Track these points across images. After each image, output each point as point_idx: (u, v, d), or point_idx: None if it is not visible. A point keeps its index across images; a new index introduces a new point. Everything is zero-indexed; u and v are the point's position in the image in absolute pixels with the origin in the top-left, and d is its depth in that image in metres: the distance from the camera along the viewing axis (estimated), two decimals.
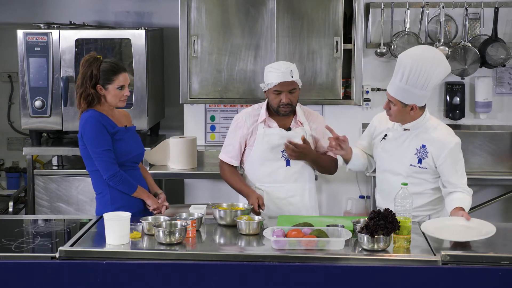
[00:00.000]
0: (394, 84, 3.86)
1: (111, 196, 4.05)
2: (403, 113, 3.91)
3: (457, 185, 3.94)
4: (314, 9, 5.43)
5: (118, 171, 3.99)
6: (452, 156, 3.93)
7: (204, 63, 5.51)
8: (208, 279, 3.31)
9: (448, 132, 4.01)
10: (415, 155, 3.96)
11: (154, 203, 4.11)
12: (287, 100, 4.15)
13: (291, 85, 4.14)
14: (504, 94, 5.82)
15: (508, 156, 5.70)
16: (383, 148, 4.06)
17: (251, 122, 4.29)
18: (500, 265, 3.30)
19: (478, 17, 5.65)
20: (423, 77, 3.78)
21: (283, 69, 4.12)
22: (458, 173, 3.95)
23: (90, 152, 4.00)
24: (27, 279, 3.33)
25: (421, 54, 3.86)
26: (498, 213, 5.90)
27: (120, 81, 4.02)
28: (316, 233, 3.48)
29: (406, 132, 3.98)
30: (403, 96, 3.84)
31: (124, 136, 4.08)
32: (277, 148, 4.23)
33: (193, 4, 5.46)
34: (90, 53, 4.11)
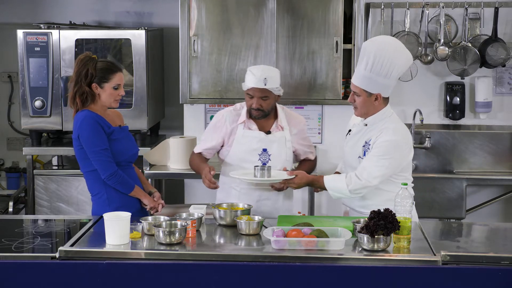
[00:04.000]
0: (358, 73, 3.88)
1: (108, 196, 4.05)
2: (368, 103, 3.91)
3: (361, 168, 3.88)
4: (314, 9, 5.43)
5: (116, 171, 4.00)
6: (378, 147, 3.87)
7: (204, 63, 5.51)
8: (208, 279, 3.32)
9: (394, 130, 3.91)
10: (363, 147, 3.98)
11: (151, 202, 4.13)
12: (257, 105, 4.16)
13: (262, 92, 4.13)
14: (504, 94, 5.82)
15: (508, 156, 5.70)
16: (346, 143, 4.12)
17: (231, 122, 4.29)
18: (500, 265, 3.30)
19: (478, 17, 5.65)
20: (387, 64, 3.80)
21: (258, 75, 4.12)
22: (370, 163, 3.87)
23: (88, 152, 3.99)
24: (27, 279, 3.33)
25: (384, 41, 3.92)
26: (498, 213, 5.90)
27: (116, 81, 4.03)
28: (316, 233, 3.48)
29: (365, 127, 4.00)
30: (368, 84, 3.86)
31: (119, 136, 4.09)
32: (255, 151, 4.24)
33: (193, 4, 5.45)
34: (85, 53, 4.11)
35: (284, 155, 4.25)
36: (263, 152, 4.24)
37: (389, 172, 3.88)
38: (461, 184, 5.32)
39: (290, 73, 5.48)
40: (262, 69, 4.19)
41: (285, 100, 5.56)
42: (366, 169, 3.87)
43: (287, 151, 4.27)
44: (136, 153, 4.24)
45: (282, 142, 4.25)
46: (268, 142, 4.23)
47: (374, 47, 3.84)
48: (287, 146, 4.26)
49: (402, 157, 3.91)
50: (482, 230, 4.10)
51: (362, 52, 3.87)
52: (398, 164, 3.90)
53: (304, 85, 5.51)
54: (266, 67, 4.26)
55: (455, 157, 5.73)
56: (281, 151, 4.24)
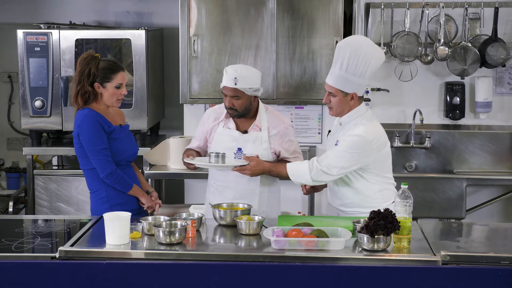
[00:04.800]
0: (333, 74, 3.91)
1: (106, 194, 4.08)
2: (344, 103, 3.94)
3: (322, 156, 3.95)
4: (314, 9, 5.43)
5: (115, 170, 4.02)
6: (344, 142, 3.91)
7: (204, 63, 5.51)
8: (208, 279, 3.32)
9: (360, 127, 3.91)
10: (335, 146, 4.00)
11: (148, 201, 4.15)
12: (229, 104, 4.15)
13: (233, 91, 4.12)
14: (504, 94, 5.82)
15: (508, 156, 5.70)
16: (327, 144, 4.17)
17: (213, 120, 4.32)
18: (500, 265, 3.30)
19: (478, 17, 5.65)
20: (361, 64, 3.84)
21: (230, 74, 4.11)
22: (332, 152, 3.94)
23: (87, 151, 4.01)
24: (27, 279, 3.33)
25: (358, 41, 3.97)
26: (498, 213, 5.90)
27: (119, 80, 4.05)
28: (316, 233, 3.48)
29: (339, 127, 4.05)
30: (343, 84, 3.89)
31: (120, 135, 4.11)
32: (231, 149, 4.24)
33: (193, 4, 5.45)
34: (88, 51, 4.12)
35: (259, 155, 4.21)
36: (238, 151, 4.24)
37: (349, 165, 3.89)
38: (461, 184, 5.31)
39: (290, 73, 5.48)
40: (235, 68, 4.16)
41: (285, 100, 5.58)
42: (328, 157, 3.93)
43: (263, 151, 4.22)
44: (135, 153, 4.25)
45: (258, 143, 4.22)
46: (243, 142, 4.23)
47: (348, 47, 3.87)
48: (263, 147, 4.22)
49: (367, 154, 3.91)
50: (482, 230, 4.10)
51: (337, 52, 3.90)
52: (362, 160, 3.90)
53: (304, 85, 5.51)
54: (241, 66, 4.21)
55: (455, 157, 5.73)
56: (256, 151, 4.21)
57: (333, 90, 3.92)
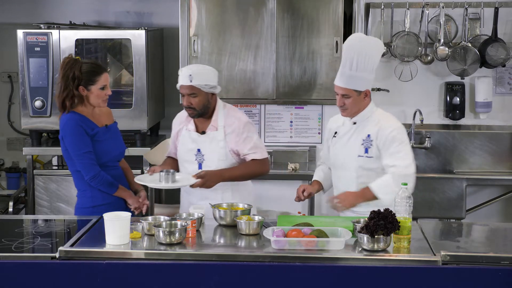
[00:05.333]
0: (344, 75, 3.92)
1: (92, 195, 4.12)
2: (359, 102, 3.96)
3: (392, 166, 3.94)
4: (314, 9, 5.43)
5: (99, 172, 4.06)
6: (392, 140, 3.95)
7: (204, 63, 5.50)
8: (208, 279, 3.32)
9: (389, 119, 4.05)
10: (362, 145, 4.00)
11: (135, 202, 4.17)
12: (187, 103, 4.13)
13: (189, 89, 4.10)
14: (504, 94, 5.82)
15: (508, 156, 5.70)
16: (335, 146, 4.12)
17: (178, 123, 4.34)
18: (500, 265, 3.30)
19: (478, 17, 5.65)
20: (369, 59, 3.89)
21: (184, 72, 4.11)
22: (395, 156, 3.94)
23: (71, 154, 4.07)
24: (27, 279, 3.33)
25: (361, 38, 4.03)
26: (498, 213, 5.90)
27: (102, 82, 4.10)
28: (316, 233, 3.48)
29: (354, 126, 4.04)
30: (356, 83, 3.91)
31: (104, 137, 4.14)
32: (191, 151, 4.24)
33: (193, 4, 5.46)
34: (68, 55, 4.17)
35: (216, 155, 4.20)
36: (198, 152, 4.24)
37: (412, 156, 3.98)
38: (461, 184, 5.32)
39: (290, 73, 5.49)
40: (189, 67, 4.18)
41: (285, 100, 5.58)
42: (394, 165, 3.92)
43: (220, 151, 4.20)
44: (122, 152, 4.30)
45: (215, 142, 4.20)
46: (201, 143, 4.22)
47: (354, 46, 3.91)
48: (219, 146, 4.20)
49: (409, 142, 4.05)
50: (482, 230, 4.10)
51: (345, 53, 3.93)
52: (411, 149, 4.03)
53: (304, 85, 5.51)
54: (196, 65, 4.23)
55: (455, 157, 5.73)
56: (214, 151, 4.20)
57: (346, 92, 3.93)
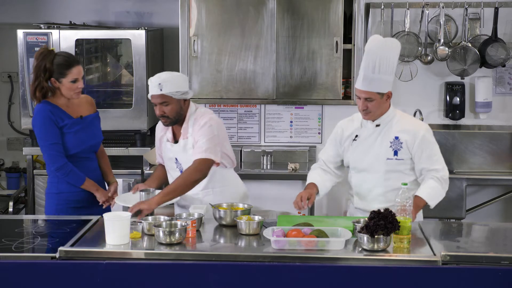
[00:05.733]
0: (367, 78, 3.90)
1: (58, 180, 4.17)
2: (381, 104, 3.96)
3: (432, 170, 3.96)
4: (314, 9, 5.43)
5: (65, 163, 4.10)
6: (425, 142, 3.96)
7: (204, 63, 5.51)
8: (208, 279, 3.32)
9: (416, 120, 4.10)
10: (390, 148, 3.99)
11: (103, 196, 4.20)
12: (160, 112, 4.09)
13: (160, 98, 4.05)
14: (504, 94, 5.82)
15: (508, 156, 5.70)
16: (356, 149, 4.07)
17: (160, 130, 4.32)
18: (500, 265, 3.30)
19: (478, 17, 5.65)
20: (390, 61, 3.90)
21: (153, 81, 4.05)
22: (432, 159, 3.97)
23: (39, 145, 4.14)
24: (27, 279, 3.33)
25: (382, 40, 4.00)
26: (498, 213, 5.90)
27: (74, 75, 4.10)
28: (316, 233, 3.48)
29: (377, 128, 4.02)
30: (379, 86, 3.90)
31: (75, 128, 4.15)
32: (171, 160, 4.24)
33: (193, 4, 5.46)
34: (43, 46, 4.22)
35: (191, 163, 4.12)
36: (176, 161, 4.22)
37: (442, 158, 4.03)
38: (461, 184, 5.32)
39: (290, 73, 5.49)
40: (158, 75, 4.09)
41: (285, 100, 5.58)
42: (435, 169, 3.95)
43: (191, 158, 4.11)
44: (98, 143, 4.31)
45: (186, 150, 4.16)
46: (176, 152, 4.20)
47: (378, 50, 3.90)
48: (189, 154, 4.14)
49: None
50: (482, 230, 4.10)
51: (368, 57, 3.90)
52: None
53: (304, 85, 5.51)
54: (164, 73, 4.12)
55: (455, 157, 5.72)
56: (188, 159, 4.13)
57: (370, 95, 3.91)
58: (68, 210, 4.16)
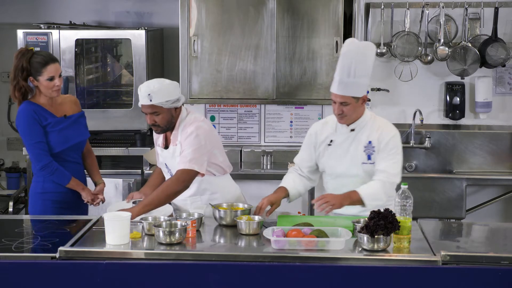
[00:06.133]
0: (342, 83, 3.87)
1: (43, 179, 4.20)
2: (357, 108, 3.93)
3: (383, 172, 3.91)
4: (314, 9, 5.43)
5: (50, 162, 4.13)
6: (389, 146, 3.93)
7: (204, 63, 5.51)
8: (208, 279, 3.32)
9: (388, 125, 4.04)
10: (364, 152, 3.97)
11: (88, 195, 4.24)
12: (150, 121, 4.07)
13: (150, 108, 4.03)
14: (504, 94, 5.82)
15: (508, 156, 5.70)
16: (331, 155, 4.04)
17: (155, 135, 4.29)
18: (500, 265, 3.30)
19: (478, 17, 5.65)
20: (366, 65, 3.88)
21: (143, 91, 4.02)
22: (387, 162, 3.92)
23: (24, 144, 4.18)
24: (27, 279, 3.33)
25: (358, 44, 3.96)
26: (498, 213, 5.90)
27: (50, 72, 4.14)
28: (316, 233, 3.48)
29: (352, 133, 3.99)
30: (355, 90, 3.88)
31: (59, 127, 4.19)
32: (162, 165, 4.24)
33: (193, 4, 5.46)
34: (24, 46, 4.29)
35: None
36: (166, 166, 4.21)
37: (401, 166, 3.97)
38: (461, 184, 5.31)
39: (290, 73, 5.48)
40: (147, 85, 4.05)
41: (285, 100, 5.58)
42: (385, 171, 3.90)
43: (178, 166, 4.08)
44: (83, 142, 4.34)
45: (174, 158, 4.13)
46: (165, 158, 4.20)
47: (352, 53, 3.87)
48: (176, 161, 4.10)
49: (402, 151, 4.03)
50: (482, 230, 4.10)
51: (343, 60, 3.88)
52: None
53: (304, 85, 5.51)
54: (154, 82, 4.07)
55: (455, 157, 5.73)
56: (176, 166, 4.10)
57: (345, 100, 3.88)
58: (53, 210, 4.20)
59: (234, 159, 5.77)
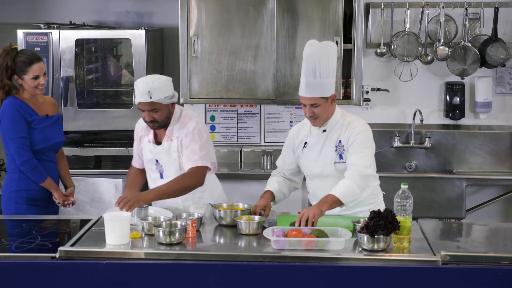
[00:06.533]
0: (310, 85, 3.88)
1: (19, 177, 4.25)
2: (327, 108, 3.94)
3: (352, 165, 3.89)
4: (314, 9, 5.43)
5: (30, 158, 4.19)
6: (358, 140, 3.92)
7: (204, 63, 5.51)
8: (208, 279, 3.32)
9: (358, 122, 4.01)
10: (335, 152, 3.98)
11: (60, 197, 4.32)
12: (149, 118, 4.07)
13: (149, 105, 4.02)
14: (504, 94, 5.82)
15: (508, 156, 5.70)
16: (306, 156, 4.06)
17: (140, 130, 4.29)
18: (500, 265, 3.30)
19: (478, 17, 5.65)
20: (330, 64, 3.89)
21: (141, 89, 4.00)
22: (357, 155, 3.90)
23: (7, 138, 4.21)
24: (27, 279, 3.33)
25: (320, 45, 3.93)
26: (498, 213, 5.90)
27: (35, 71, 4.20)
28: (316, 233, 3.48)
29: (324, 134, 4.01)
30: (322, 90, 3.89)
31: (42, 125, 4.26)
32: (151, 161, 4.21)
33: (193, 4, 5.45)
34: (7, 44, 4.29)
35: (174, 166, 4.14)
36: (157, 163, 4.20)
37: (373, 160, 3.94)
38: (461, 184, 5.31)
39: (290, 73, 5.48)
40: (145, 82, 4.03)
41: (285, 100, 5.58)
42: (356, 164, 3.88)
43: (174, 162, 4.14)
44: (60, 143, 4.42)
45: (169, 153, 4.15)
46: (157, 154, 4.18)
47: (316, 54, 3.87)
48: (173, 157, 4.13)
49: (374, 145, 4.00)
50: (482, 230, 4.10)
51: (307, 63, 3.89)
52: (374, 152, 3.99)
53: None
54: (151, 78, 4.06)
55: (455, 157, 5.73)
56: (170, 161, 4.14)
57: (315, 101, 3.90)
58: (28, 208, 4.26)
59: (234, 159, 5.77)
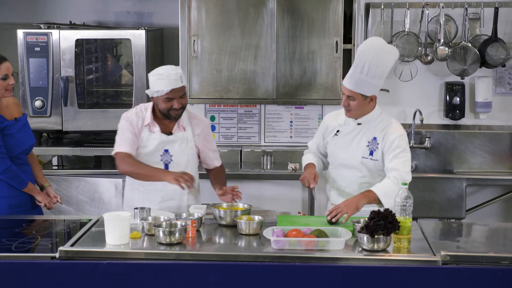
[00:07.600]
0: (353, 78, 3.91)
1: None
2: (363, 105, 3.97)
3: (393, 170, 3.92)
4: (314, 9, 5.43)
5: (10, 166, 4.13)
6: (394, 144, 3.95)
7: (204, 63, 5.51)
8: (208, 279, 3.32)
9: (397, 124, 4.07)
10: (367, 147, 4.02)
11: (44, 199, 4.26)
12: (179, 105, 4.08)
13: (181, 90, 4.07)
14: (504, 94, 5.82)
15: (508, 156, 5.70)
16: (336, 144, 4.11)
17: (136, 122, 4.21)
18: (500, 265, 3.30)
19: (478, 17, 5.65)
20: (382, 66, 3.89)
21: (173, 76, 4.03)
22: (398, 161, 3.94)
23: None
24: (27, 279, 3.33)
25: (379, 44, 3.97)
26: (498, 213, 5.90)
27: (3, 71, 4.14)
28: (316, 233, 3.48)
29: (359, 126, 4.04)
30: (364, 88, 3.92)
31: (14, 130, 4.19)
32: (156, 152, 4.18)
33: (193, 4, 5.45)
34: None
35: (186, 155, 4.19)
36: (165, 153, 4.19)
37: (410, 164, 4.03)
38: (461, 184, 5.32)
39: (290, 73, 5.48)
40: (172, 68, 4.08)
41: (285, 100, 5.58)
42: (398, 169, 3.91)
43: (189, 151, 4.20)
44: (32, 145, 4.36)
45: (184, 142, 4.19)
46: (169, 143, 4.18)
47: (370, 51, 3.90)
48: (189, 146, 4.20)
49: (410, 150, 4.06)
50: (482, 230, 4.10)
51: (359, 57, 3.92)
52: None
53: (304, 85, 5.51)
54: (171, 66, 4.12)
55: (455, 157, 5.73)
56: (183, 151, 4.18)
57: (353, 94, 3.93)
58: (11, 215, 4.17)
59: (234, 159, 5.77)
